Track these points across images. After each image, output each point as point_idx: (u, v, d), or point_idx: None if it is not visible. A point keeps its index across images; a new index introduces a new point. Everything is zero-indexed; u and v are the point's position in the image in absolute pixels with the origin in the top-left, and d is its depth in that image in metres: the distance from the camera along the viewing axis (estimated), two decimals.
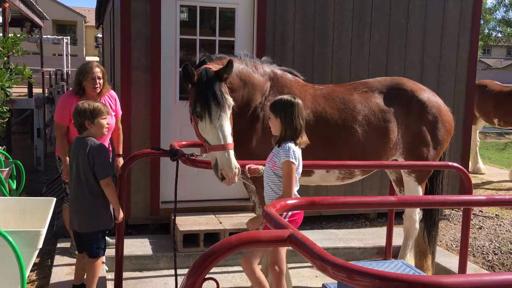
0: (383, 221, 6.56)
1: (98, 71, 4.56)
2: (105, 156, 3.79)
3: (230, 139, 3.54)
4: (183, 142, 4.27)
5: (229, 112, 3.62)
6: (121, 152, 4.93)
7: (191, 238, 5.23)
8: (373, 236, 5.90)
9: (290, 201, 2.41)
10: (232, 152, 3.53)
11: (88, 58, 33.58)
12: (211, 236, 5.28)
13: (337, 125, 4.31)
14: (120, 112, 4.93)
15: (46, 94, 12.12)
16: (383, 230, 5.64)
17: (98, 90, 4.58)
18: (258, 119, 4.14)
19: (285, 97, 3.48)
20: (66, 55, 21.01)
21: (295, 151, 3.33)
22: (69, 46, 21.98)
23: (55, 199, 3.47)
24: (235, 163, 3.52)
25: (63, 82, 16.03)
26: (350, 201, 2.74)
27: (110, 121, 4.08)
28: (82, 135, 3.81)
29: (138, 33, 5.67)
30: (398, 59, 6.57)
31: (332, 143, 4.33)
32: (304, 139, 3.41)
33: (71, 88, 4.94)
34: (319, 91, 4.43)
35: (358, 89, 4.52)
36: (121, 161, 4.82)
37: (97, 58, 29.37)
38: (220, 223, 5.53)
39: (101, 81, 4.59)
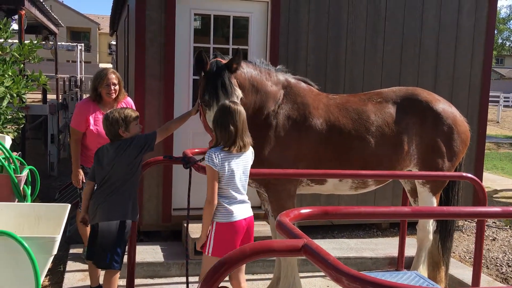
0: (395, 231, 6.52)
1: (113, 77, 4.61)
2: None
3: None
4: (196, 150, 4.28)
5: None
6: None
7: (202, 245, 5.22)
8: (385, 246, 5.86)
9: (303, 211, 2.40)
10: None
11: (101, 65, 33.86)
12: None
13: (351, 135, 4.30)
14: None
15: (60, 101, 12.24)
16: (395, 240, 5.61)
17: (113, 96, 4.62)
18: (270, 126, 4.15)
19: (223, 102, 3.45)
20: (80, 62, 21.23)
21: (214, 155, 3.28)
22: (83, 53, 22.21)
23: (69, 205, 3.49)
24: None
25: (76, 88, 16.18)
26: (364, 211, 2.72)
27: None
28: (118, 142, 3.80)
29: (152, 40, 5.72)
30: (411, 68, 6.55)
31: (345, 153, 4.32)
32: (239, 145, 3.31)
33: (87, 95, 4.99)
34: (333, 101, 4.43)
35: (372, 99, 4.50)
36: None
37: (110, 65, 29.61)
38: None
39: (117, 87, 4.63)
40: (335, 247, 5.71)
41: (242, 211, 3.43)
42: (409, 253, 5.19)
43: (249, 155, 3.48)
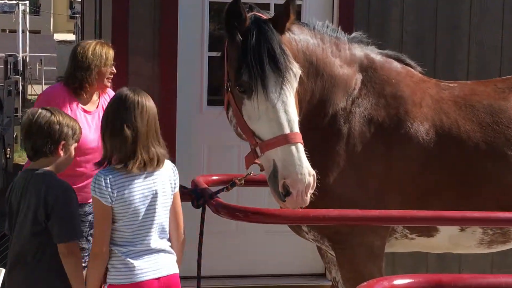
0: None
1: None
2: (71, 206, 3.69)
3: (296, 127, 3.54)
4: (214, 177, 4.30)
5: (295, 85, 3.64)
6: None
7: None
8: None
9: (399, 281, 2.39)
10: (301, 148, 3.49)
11: (57, 36, 34.61)
12: None
13: (479, 150, 4.28)
14: None
15: None
16: None
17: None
18: (338, 135, 4.17)
19: (119, 90, 3.50)
20: (23, 31, 21.61)
21: (102, 180, 3.35)
22: (27, 16, 22.70)
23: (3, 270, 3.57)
24: (307, 166, 3.46)
25: (17, 76, 16.39)
26: (505, 282, 2.68)
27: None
28: (35, 165, 3.73)
29: None
30: None
31: (470, 180, 4.30)
32: (141, 159, 3.36)
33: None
34: (448, 92, 4.42)
35: None
36: None
37: (72, 36, 30.23)
38: None
39: None
40: None
41: (154, 266, 3.48)
42: None
43: (166, 175, 3.55)
